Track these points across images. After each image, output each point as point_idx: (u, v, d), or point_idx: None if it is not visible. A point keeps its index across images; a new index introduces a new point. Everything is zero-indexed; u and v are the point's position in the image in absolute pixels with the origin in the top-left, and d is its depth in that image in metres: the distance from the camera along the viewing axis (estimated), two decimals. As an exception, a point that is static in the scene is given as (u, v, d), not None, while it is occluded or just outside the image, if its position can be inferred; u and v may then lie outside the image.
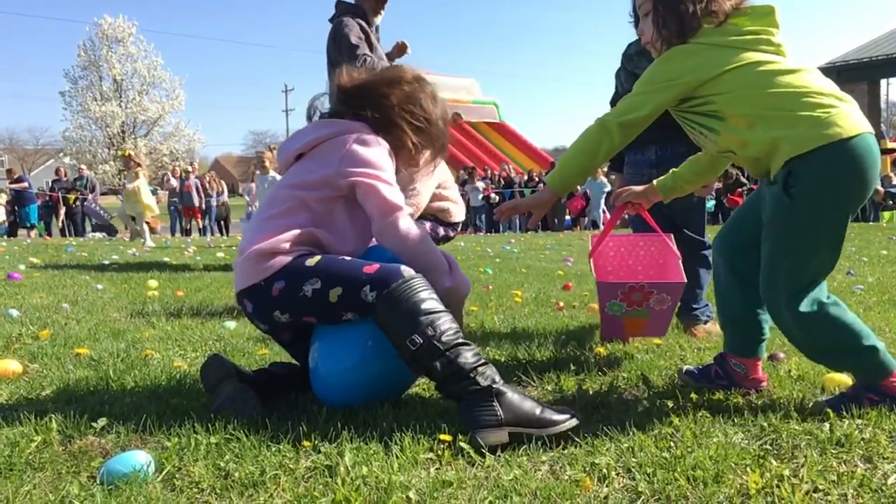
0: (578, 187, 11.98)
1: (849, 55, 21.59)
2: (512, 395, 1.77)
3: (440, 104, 2.22)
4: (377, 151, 2.04)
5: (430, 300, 1.86)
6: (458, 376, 1.78)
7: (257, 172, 9.26)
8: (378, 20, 4.90)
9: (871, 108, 20.94)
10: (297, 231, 1.98)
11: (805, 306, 1.92)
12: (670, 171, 2.43)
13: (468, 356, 1.80)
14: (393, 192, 2.01)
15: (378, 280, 1.86)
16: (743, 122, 1.93)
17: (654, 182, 2.43)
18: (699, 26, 1.99)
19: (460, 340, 1.83)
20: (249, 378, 2.06)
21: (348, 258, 1.97)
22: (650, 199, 2.46)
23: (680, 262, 2.68)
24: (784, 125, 1.88)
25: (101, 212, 16.76)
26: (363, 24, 4.62)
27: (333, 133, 2.07)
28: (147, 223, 11.39)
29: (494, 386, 1.77)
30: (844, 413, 1.90)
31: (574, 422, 1.76)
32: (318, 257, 1.95)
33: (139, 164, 11.49)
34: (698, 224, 3.28)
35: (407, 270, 1.89)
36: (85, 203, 16.93)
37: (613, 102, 3.36)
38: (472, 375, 1.78)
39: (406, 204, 2.06)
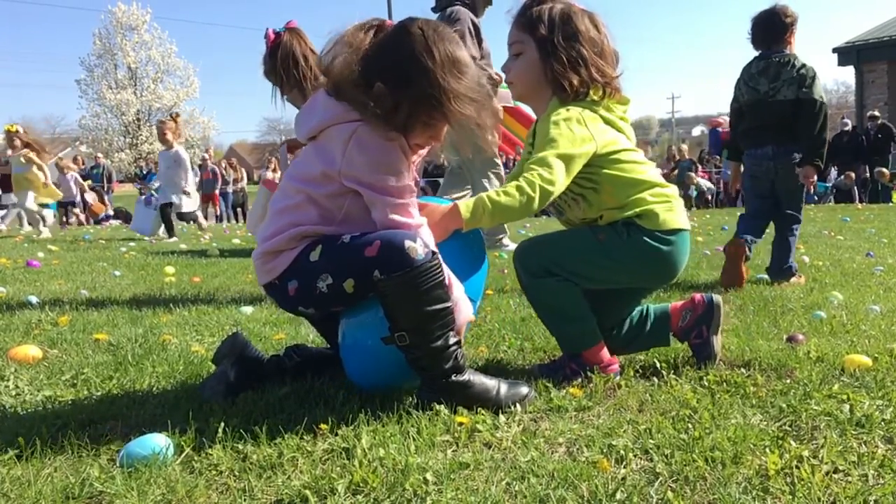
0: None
1: (868, 34, 21.19)
2: (468, 388, 1.87)
3: (466, 71, 1.84)
4: (381, 149, 1.82)
5: (432, 297, 1.79)
6: (431, 371, 1.86)
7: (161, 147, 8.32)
8: (482, 16, 4.88)
9: (892, 89, 20.56)
10: (303, 228, 1.89)
11: (540, 278, 2.10)
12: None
13: (448, 362, 1.85)
14: (396, 207, 1.84)
15: (384, 263, 1.77)
16: (613, 202, 2.08)
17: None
18: (587, 90, 2.08)
19: (447, 343, 1.84)
20: (254, 363, 2.07)
21: (347, 239, 1.85)
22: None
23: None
24: (639, 206, 2.06)
25: None
26: (474, 18, 4.58)
27: (336, 118, 1.87)
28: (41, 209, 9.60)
29: (454, 379, 1.86)
30: (555, 380, 2.07)
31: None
32: (319, 248, 1.87)
33: (27, 144, 9.49)
34: (798, 204, 4.14)
35: (412, 249, 1.78)
36: None
37: (731, 107, 4.31)
38: (444, 375, 1.86)
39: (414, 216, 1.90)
